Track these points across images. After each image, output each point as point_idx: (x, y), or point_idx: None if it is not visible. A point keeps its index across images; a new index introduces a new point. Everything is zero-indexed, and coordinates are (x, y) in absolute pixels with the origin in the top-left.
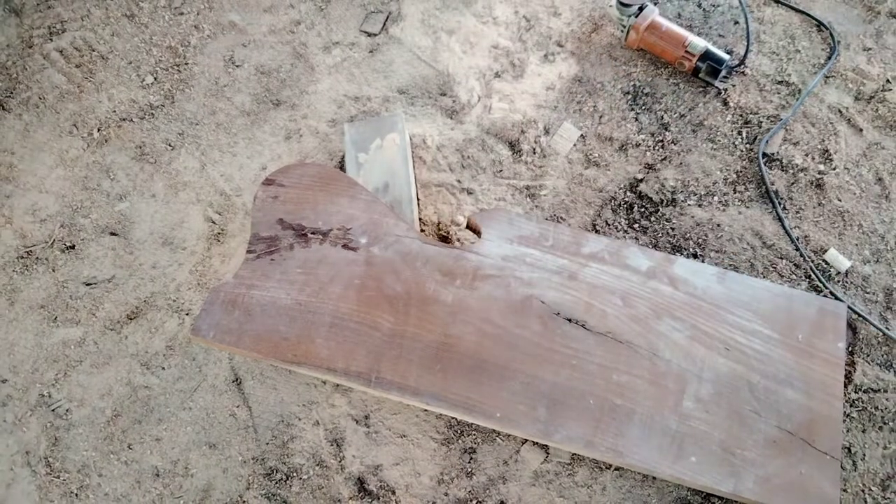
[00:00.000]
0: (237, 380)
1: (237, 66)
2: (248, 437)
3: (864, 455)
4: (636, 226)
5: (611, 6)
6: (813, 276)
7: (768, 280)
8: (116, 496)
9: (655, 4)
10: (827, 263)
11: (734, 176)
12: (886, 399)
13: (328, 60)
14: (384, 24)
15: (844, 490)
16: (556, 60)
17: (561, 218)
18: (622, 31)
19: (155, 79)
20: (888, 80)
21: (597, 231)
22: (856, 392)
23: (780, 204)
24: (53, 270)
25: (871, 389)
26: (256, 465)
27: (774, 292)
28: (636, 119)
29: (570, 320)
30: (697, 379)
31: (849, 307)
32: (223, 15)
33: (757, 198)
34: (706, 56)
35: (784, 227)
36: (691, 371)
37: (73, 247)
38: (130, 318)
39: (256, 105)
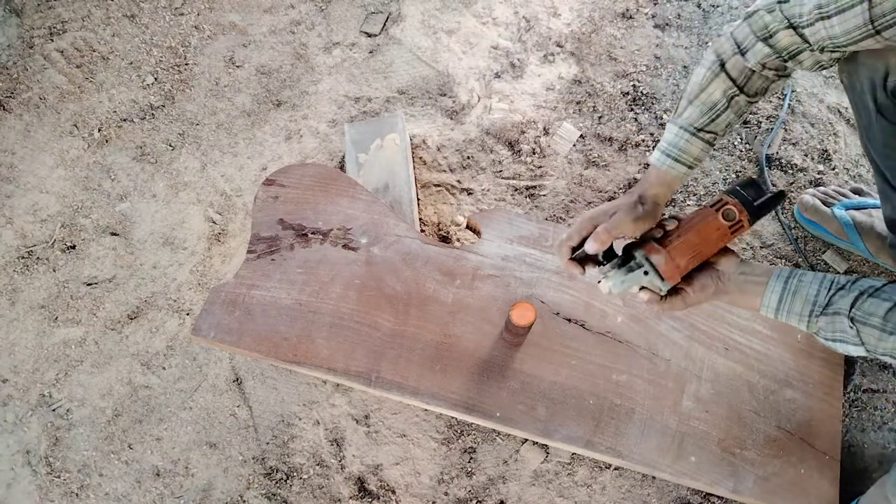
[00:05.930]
0: (238, 379)
1: (238, 67)
2: (248, 436)
3: (864, 455)
4: None
5: (617, 284)
6: None
7: None
8: (117, 496)
9: (655, 5)
10: (826, 263)
11: (733, 176)
12: (886, 399)
13: (328, 61)
14: (384, 24)
15: (843, 490)
16: (555, 61)
17: (561, 218)
18: (661, 292)
19: (155, 79)
20: None
21: None
22: (855, 392)
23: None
24: (54, 270)
25: (871, 389)
26: (257, 465)
27: None
28: (636, 119)
29: (569, 320)
30: (697, 378)
31: None
32: (223, 15)
33: None
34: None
35: (783, 227)
36: (691, 371)
37: (73, 247)
38: (131, 318)
39: (257, 105)
